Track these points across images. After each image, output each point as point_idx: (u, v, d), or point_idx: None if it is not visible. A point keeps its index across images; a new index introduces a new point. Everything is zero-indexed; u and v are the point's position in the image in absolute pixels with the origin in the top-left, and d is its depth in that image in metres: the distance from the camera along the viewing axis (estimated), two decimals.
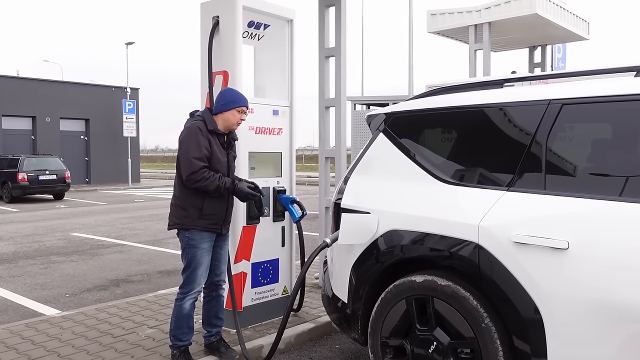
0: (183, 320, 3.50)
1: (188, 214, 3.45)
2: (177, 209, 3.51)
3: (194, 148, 3.37)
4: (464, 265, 2.68)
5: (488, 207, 2.63)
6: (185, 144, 3.40)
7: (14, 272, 7.00)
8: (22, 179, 17.27)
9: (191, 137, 3.40)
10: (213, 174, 3.39)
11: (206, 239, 3.49)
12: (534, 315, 2.43)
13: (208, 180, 3.36)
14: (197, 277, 3.48)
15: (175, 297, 3.54)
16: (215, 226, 3.52)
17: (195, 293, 3.51)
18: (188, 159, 3.36)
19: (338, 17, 5.18)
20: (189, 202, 3.45)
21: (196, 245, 3.45)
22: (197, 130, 3.41)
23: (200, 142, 3.38)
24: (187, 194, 3.46)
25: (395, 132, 3.23)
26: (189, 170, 3.35)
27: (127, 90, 26.96)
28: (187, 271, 3.48)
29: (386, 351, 2.97)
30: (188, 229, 3.45)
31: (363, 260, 3.12)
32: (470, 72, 9.49)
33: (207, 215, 3.45)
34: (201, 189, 3.40)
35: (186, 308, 3.48)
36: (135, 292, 5.88)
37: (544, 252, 2.39)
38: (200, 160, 3.36)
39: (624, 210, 2.28)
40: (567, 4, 9.16)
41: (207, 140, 3.42)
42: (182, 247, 3.51)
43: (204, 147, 3.39)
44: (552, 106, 2.60)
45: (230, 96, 3.56)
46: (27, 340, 4.00)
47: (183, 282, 3.50)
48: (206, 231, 3.48)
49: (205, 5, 4.25)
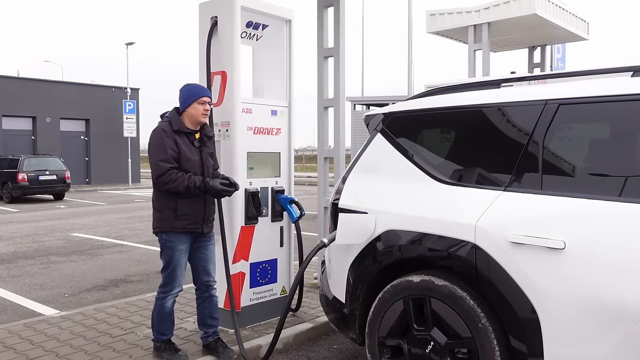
0: (165, 317, 3.60)
1: (164, 217, 3.49)
2: (154, 212, 3.57)
3: (159, 151, 3.40)
4: (461, 266, 2.68)
5: (485, 207, 2.63)
6: (152, 148, 3.45)
7: (13, 272, 7.01)
8: (22, 179, 17.28)
9: (156, 140, 3.45)
10: (182, 175, 3.40)
11: (183, 241, 3.53)
12: (530, 315, 2.43)
13: (176, 182, 3.38)
14: (177, 277, 3.54)
15: (157, 296, 3.60)
16: (194, 226, 3.53)
17: (176, 292, 3.58)
18: (154, 162, 3.40)
19: (337, 17, 5.19)
20: (164, 204, 3.49)
21: (173, 247, 3.50)
22: (162, 132, 3.45)
23: (165, 144, 3.41)
24: (161, 197, 3.50)
25: (393, 132, 3.23)
26: (156, 173, 3.40)
27: (127, 90, 26.98)
28: (166, 271, 3.54)
29: (383, 351, 2.97)
30: (165, 231, 3.50)
31: (360, 260, 3.12)
32: (469, 73, 9.50)
33: (182, 216, 3.48)
34: (172, 191, 3.42)
35: (168, 307, 3.58)
36: (135, 292, 5.88)
37: (540, 252, 2.40)
38: (166, 162, 3.38)
39: (621, 210, 2.28)
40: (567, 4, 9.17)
41: (172, 141, 3.43)
42: (161, 248, 3.57)
43: (170, 149, 3.41)
44: (549, 106, 2.60)
45: (188, 91, 3.57)
46: (25, 340, 4.00)
47: (163, 281, 3.57)
48: (184, 232, 3.51)
49: (204, 6, 4.25)
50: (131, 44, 27.92)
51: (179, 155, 3.44)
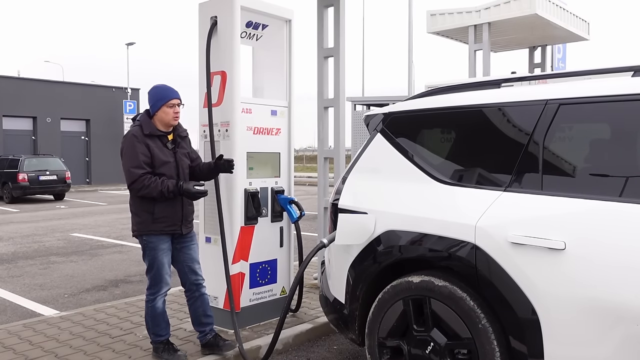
0: (159, 317, 3.59)
1: (142, 220, 3.48)
2: (132, 216, 3.55)
3: (131, 157, 3.40)
4: (461, 266, 2.67)
5: (485, 208, 2.62)
6: (124, 154, 3.45)
7: (13, 272, 7.00)
8: (23, 180, 17.28)
9: (127, 146, 3.44)
10: (155, 180, 3.38)
11: (164, 240, 3.53)
12: (530, 315, 2.42)
13: (149, 188, 3.37)
14: (162, 276, 3.53)
15: (146, 299, 3.59)
16: (173, 227, 3.53)
17: (165, 291, 3.57)
18: (127, 169, 3.40)
19: (337, 17, 5.18)
20: (141, 208, 3.48)
21: (155, 247, 3.50)
22: (132, 138, 3.43)
23: (136, 150, 3.39)
24: (137, 201, 3.49)
25: (392, 132, 3.23)
26: (129, 180, 3.40)
27: (127, 90, 26.99)
28: (151, 272, 3.53)
29: (383, 352, 2.96)
30: (144, 233, 3.49)
31: (360, 261, 3.11)
32: (470, 73, 9.49)
33: (160, 218, 3.47)
34: (146, 196, 3.41)
35: (159, 307, 3.57)
36: (134, 292, 5.88)
37: (540, 252, 2.39)
38: (138, 168, 3.37)
39: (621, 210, 2.28)
40: (567, 4, 9.16)
41: (143, 146, 3.41)
42: (142, 250, 3.56)
43: (141, 154, 3.39)
44: (549, 106, 2.59)
45: (156, 95, 3.52)
46: (24, 340, 3.99)
47: (150, 283, 3.56)
48: (163, 234, 3.51)
49: (204, 6, 4.25)
50: (132, 44, 27.99)
51: (152, 160, 3.42)
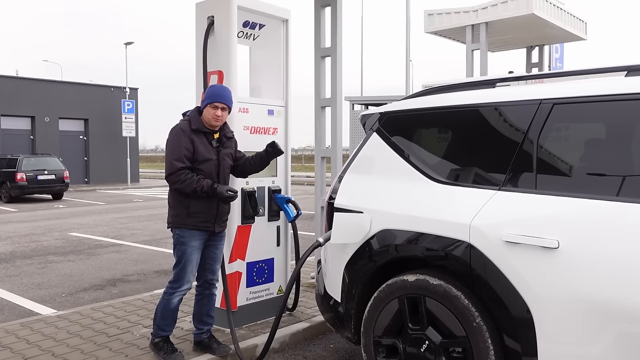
0: (169, 313, 3.60)
1: (177, 213, 3.54)
2: (169, 208, 3.61)
3: (174, 149, 3.46)
4: (456, 265, 2.69)
5: (479, 207, 2.63)
6: (168, 146, 3.51)
7: (10, 271, 7.01)
8: (21, 179, 17.27)
9: (172, 139, 3.50)
10: (192, 177, 3.43)
11: (196, 237, 3.54)
12: (524, 314, 2.43)
13: (185, 183, 3.41)
14: (187, 274, 3.54)
15: (165, 291, 3.61)
16: (206, 224, 3.55)
17: (185, 290, 3.58)
18: (168, 160, 3.46)
19: (334, 17, 5.18)
20: (177, 201, 3.54)
21: (186, 243, 3.52)
22: (179, 131, 3.49)
23: (180, 143, 3.45)
24: (175, 194, 3.55)
25: (388, 131, 3.24)
26: (168, 171, 3.46)
27: (126, 90, 26.96)
28: (178, 267, 3.56)
29: (379, 350, 2.98)
30: (178, 226, 3.53)
31: (356, 260, 3.12)
32: (467, 72, 9.48)
33: (194, 213, 3.50)
34: (180, 191, 3.46)
35: (174, 303, 3.58)
36: (132, 291, 5.88)
37: (534, 251, 2.40)
38: (178, 161, 3.42)
39: (615, 209, 2.29)
40: (565, 4, 9.16)
41: (188, 140, 3.46)
42: (174, 244, 3.59)
43: (184, 148, 3.45)
44: (543, 106, 2.61)
45: (207, 94, 3.62)
46: (21, 339, 4.00)
47: (173, 277, 3.58)
48: (196, 229, 3.53)
49: (200, 5, 4.25)
50: (130, 44, 27.91)
51: (194, 155, 3.47)
